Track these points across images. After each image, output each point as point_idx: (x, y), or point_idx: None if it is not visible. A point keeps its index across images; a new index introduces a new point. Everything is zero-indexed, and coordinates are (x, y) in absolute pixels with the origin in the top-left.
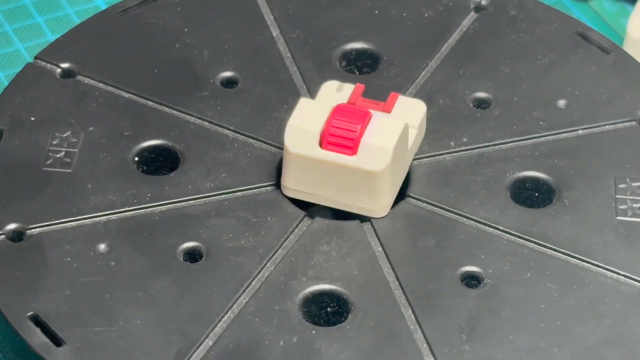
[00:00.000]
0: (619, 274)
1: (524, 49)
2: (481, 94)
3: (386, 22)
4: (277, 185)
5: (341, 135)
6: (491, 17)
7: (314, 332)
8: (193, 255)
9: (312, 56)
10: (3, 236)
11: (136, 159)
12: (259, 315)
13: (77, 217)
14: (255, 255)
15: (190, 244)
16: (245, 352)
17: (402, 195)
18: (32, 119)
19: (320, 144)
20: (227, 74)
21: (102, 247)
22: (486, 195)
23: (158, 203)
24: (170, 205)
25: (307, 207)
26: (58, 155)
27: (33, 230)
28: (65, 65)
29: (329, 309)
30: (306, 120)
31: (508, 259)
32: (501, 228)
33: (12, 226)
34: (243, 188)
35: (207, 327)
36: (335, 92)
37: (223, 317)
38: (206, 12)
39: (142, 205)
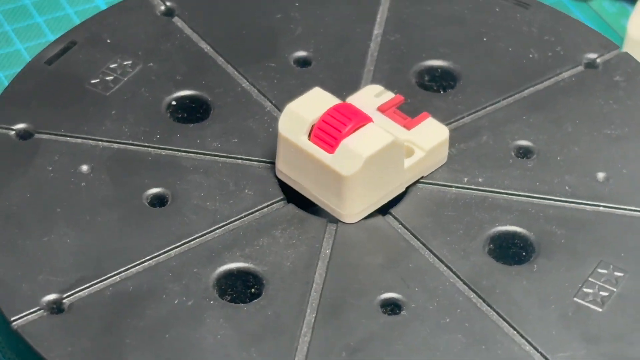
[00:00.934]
0: (536, 349)
1: (603, 115)
2: (527, 143)
3: (486, 51)
4: None
5: (327, 131)
6: (594, 77)
7: (211, 302)
8: (157, 201)
9: (394, 61)
10: (13, 132)
11: (173, 103)
12: (174, 271)
13: (82, 135)
14: (211, 219)
15: (159, 190)
16: (137, 297)
17: (385, 210)
18: (108, 41)
19: (309, 135)
20: (304, 53)
21: (84, 167)
22: (462, 237)
23: (159, 146)
24: (168, 152)
25: (299, 197)
26: (107, 78)
27: (40, 135)
28: (169, 4)
29: (241, 287)
30: (305, 108)
31: (439, 300)
32: (453, 270)
33: (22, 125)
34: (243, 157)
35: (122, 266)
36: (372, 96)
37: (143, 263)
38: None
39: (144, 143)
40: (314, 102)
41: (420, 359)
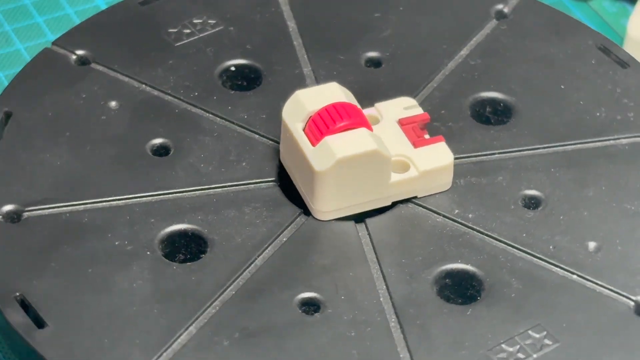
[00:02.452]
0: None
1: (634, 190)
2: (538, 194)
3: (557, 98)
4: None
5: (319, 124)
6: None
7: (148, 253)
8: (162, 150)
9: (460, 84)
10: (74, 57)
11: (232, 68)
12: (133, 216)
13: (130, 75)
14: (195, 180)
15: (165, 141)
16: (85, 229)
17: (363, 217)
18: None
19: (305, 124)
20: (377, 54)
21: (113, 103)
22: (417, 263)
23: (191, 102)
24: (195, 109)
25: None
26: (184, 31)
27: (95, 65)
28: None
29: (192, 249)
30: (312, 98)
31: (357, 313)
32: (389, 290)
33: (83, 52)
34: (260, 133)
35: (90, 198)
36: (402, 107)
37: (110, 201)
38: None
39: (179, 97)
40: (324, 95)
41: None
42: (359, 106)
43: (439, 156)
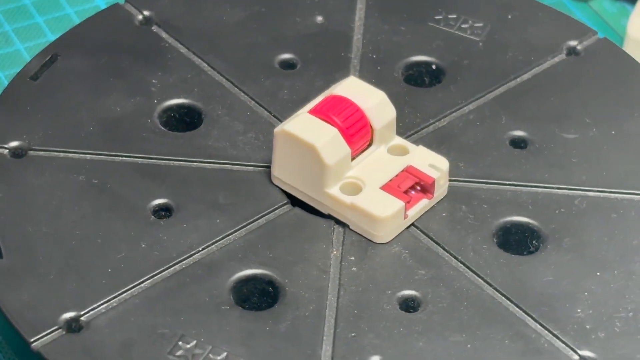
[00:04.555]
0: None
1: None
2: (413, 293)
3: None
4: None
5: (322, 104)
6: None
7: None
8: (287, 63)
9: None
10: None
11: (433, 67)
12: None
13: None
14: (248, 86)
15: (293, 58)
16: None
17: (299, 205)
18: None
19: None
20: (528, 137)
21: (319, 18)
22: (252, 261)
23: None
24: (353, 59)
25: None
26: (451, 22)
27: None
28: None
29: (178, 120)
30: (349, 88)
31: (178, 241)
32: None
33: None
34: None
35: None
36: (427, 162)
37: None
38: None
39: (356, 51)
40: (360, 92)
41: None
42: (383, 124)
43: (381, 207)
